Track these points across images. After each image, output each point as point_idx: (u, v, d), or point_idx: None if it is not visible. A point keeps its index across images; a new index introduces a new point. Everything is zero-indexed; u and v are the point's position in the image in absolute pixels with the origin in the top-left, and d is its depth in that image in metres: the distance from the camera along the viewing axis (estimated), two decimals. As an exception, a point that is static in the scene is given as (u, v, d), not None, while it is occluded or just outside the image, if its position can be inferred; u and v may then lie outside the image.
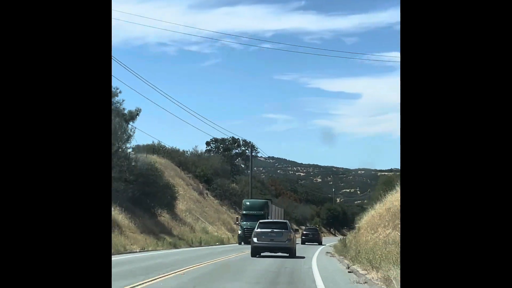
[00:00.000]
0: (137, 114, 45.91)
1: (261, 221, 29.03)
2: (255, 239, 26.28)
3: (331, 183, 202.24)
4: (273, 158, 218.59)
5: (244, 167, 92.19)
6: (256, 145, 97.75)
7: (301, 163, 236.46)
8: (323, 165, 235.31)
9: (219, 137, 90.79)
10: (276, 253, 26.89)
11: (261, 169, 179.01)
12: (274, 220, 41.78)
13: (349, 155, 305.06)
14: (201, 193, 70.25)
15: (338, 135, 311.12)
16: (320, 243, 54.65)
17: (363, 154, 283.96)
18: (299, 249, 32.05)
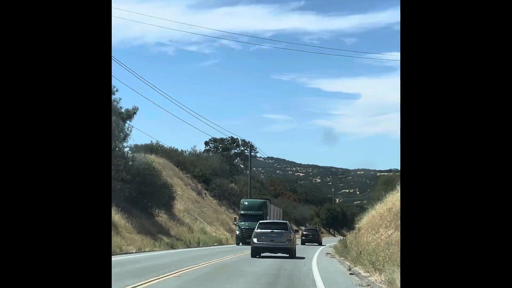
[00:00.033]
0: (134, 112, 45.24)
1: (261, 221, 29.13)
2: (255, 240, 26.21)
3: (330, 183, 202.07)
4: (272, 158, 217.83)
5: (243, 167, 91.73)
6: (255, 145, 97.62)
7: (300, 163, 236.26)
8: (322, 165, 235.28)
9: (218, 137, 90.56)
10: (276, 253, 26.81)
11: (260, 169, 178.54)
12: (274, 220, 41.57)
13: (348, 155, 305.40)
14: (199, 193, 69.73)
15: (337, 135, 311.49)
16: (320, 244, 54.55)
17: (362, 154, 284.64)
18: (299, 250, 31.90)
